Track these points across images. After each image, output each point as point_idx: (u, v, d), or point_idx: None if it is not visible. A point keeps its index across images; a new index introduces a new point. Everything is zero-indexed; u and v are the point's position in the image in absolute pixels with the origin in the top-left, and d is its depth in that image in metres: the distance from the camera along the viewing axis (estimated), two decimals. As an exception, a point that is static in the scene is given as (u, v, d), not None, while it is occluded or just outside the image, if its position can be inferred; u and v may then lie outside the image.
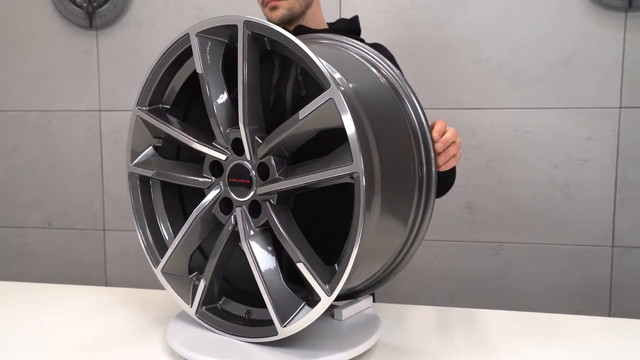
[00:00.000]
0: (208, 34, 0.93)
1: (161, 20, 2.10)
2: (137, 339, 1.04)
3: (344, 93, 0.79)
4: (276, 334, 0.88)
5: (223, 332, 0.97)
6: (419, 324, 1.11)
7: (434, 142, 0.98)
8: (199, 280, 0.99)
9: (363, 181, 0.77)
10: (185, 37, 0.95)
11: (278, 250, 0.93)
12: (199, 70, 0.93)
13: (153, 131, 1.05)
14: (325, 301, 0.83)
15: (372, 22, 1.95)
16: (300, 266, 0.84)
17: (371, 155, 0.80)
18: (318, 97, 0.81)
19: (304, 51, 0.82)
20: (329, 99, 0.80)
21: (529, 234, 1.95)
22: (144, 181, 1.08)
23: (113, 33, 2.14)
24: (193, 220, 0.97)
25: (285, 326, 0.87)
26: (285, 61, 1.19)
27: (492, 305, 1.93)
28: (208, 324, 0.98)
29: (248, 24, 0.87)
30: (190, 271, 1.05)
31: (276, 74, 1.20)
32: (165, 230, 1.09)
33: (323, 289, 0.83)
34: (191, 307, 0.99)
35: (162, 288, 1.34)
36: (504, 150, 1.94)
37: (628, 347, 0.99)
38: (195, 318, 1.00)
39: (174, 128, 1.00)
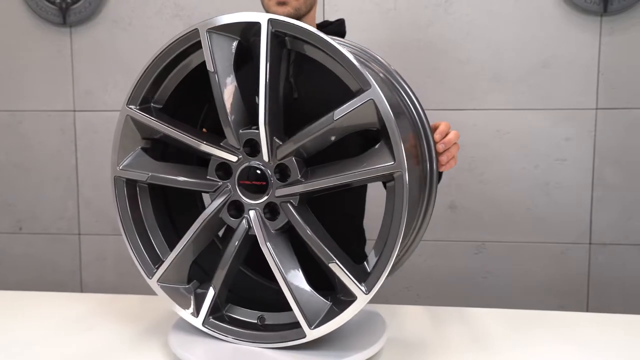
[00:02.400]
0: (220, 30, 0.90)
1: (138, 18, 2.04)
2: (134, 349, 1.00)
3: (384, 93, 0.79)
4: (304, 336, 0.87)
5: (239, 340, 0.94)
6: (414, 323, 1.14)
7: (435, 142, 1.01)
8: (205, 289, 0.95)
9: (407, 179, 0.80)
10: (192, 33, 0.91)
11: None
12: (210, 68, 0.90)
13: (144, 132, 1.00)
14: (363, 300, 0.83)
15: (354, 22, 1.95)
16: (334, 266, 0.84)
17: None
18: (356, 98, 0.81)
19: (340, 52, 0.82)
20: (369, 100, 0.80)
21: (510, 232, 1.99)
22: (131, 186, 1.03)
23: (88, 31, 2.06)
24: (200, 226, 0.93)
25: (314, 328, 0.86)
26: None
27: (475, 303, 1.95)
28: (219, 333, 0.95)
29: (273, 22, 0.85)
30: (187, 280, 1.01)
31: None
32: (154, 237, 1.03)
33: (360, 288, 0.83)
34: (197, 317, 0.95)
35: (144, 293, 1.31)
36: (485, 151, 1.97)
37: (606, 340, 1.05)
38: (203, 328, 0.96)
39: (176, 129, 0.95)
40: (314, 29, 0.84)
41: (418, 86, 1.95)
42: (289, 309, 0.92)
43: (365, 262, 0.86)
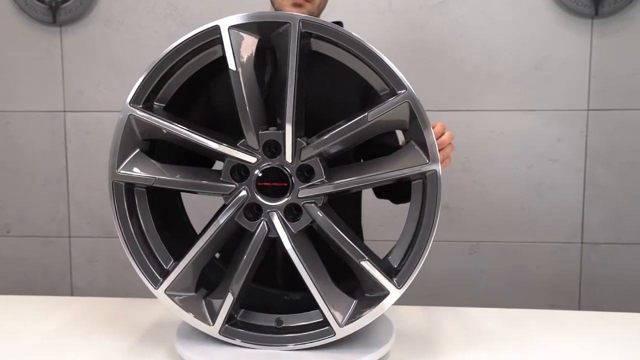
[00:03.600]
0: (242, 28, 0.88)
1: (131, 17, 2.01)
2: (141, 356, 0.98)
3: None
4: (333, 334, 0.88)
5: (262, 345, 0.92)
6: (411, 322, 1.16)
7: None
8: (218, 297, 0.92)
9: (440, 176, 0.86)
10: (211, 30, 0.87)
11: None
12: (232, 67, 0.87)
13: (146, 133, 0.95)
14: (395, 294, 0.86)
15: (350, 23, 1.94)
16: (366, 264, 0.86)
17: None
18: (390, 101, 0.85)
19: (377, 56, 0.86)
20: (404, 102, 0.84)
21: (504, 232, 2.00)
22: (129, 190, 0.97)
23: (78, 30, 2.03)
24: (216, 231, 0.90)
25: (343, 326, 0.87)
26: (276, 60, 1.17)
27: (469, 303, 1.96)
28: (239, 340, 0.93)
29: (304, 23, 0.85)
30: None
31: (268, 73, 1.17)
32: (155, 244, 0.98)
33: (393, 283, 0.86)
34: (213, 325, 0.92)
35: (136, 296, 1.29)
36: (479, 151, 1.99)
37: (598, 337, 1.08)
38: (219, 336, 0.93)
39: (191, 130, 0.91)
40: (349, 32, 0.86)
41: (413, 87, 1.97)
42: (304, 310, 0.92)
43: (388, 258, 0.88)
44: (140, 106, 0.94)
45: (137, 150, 0.97)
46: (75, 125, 2.07)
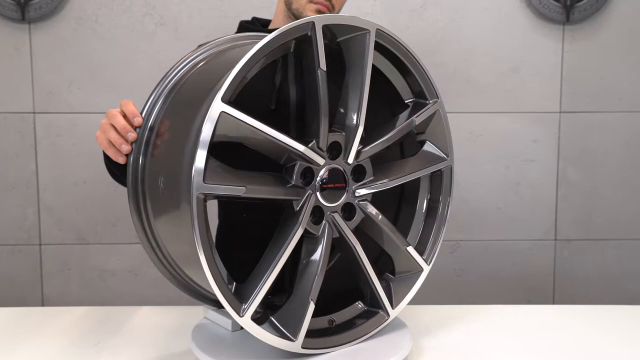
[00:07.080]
0: (328, 29, 0.86)
1: (106, 15, 1.94)
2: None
3: None
4: (387, 317, 0.96)
5: (337, 348, 0.91)
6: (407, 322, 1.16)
7: None
8: (296, 308, 0.85)
9: (453, 171, 1.03)
10: (303, 26, 0.82)
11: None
12: (323, 66, 0.84)
13: (224, 134, 0.79)
14: (426, 270, 0.99)
15: (332, 25, 1.96)
16: (410, 249, 0.96)
17: None
18: (429, 107, 0.97)
19: (421, 66, 0.97)
20: (437, 110, 0.98)
21: (483, 231, 2.06)
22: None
23: (49, 27, 1.94)
24: (295, 243, 0.83)
25: (395, 307, 0.96)
26: (286, 63, 1.16)
27: (450, 301, 2.01)
28: (319, 350, 0.88)
29: (379, 33, 0.90)
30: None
31: (279, 76, 1.16)
32: (218, 263, 0.82)
33: (426, 261, 0.98)
34: (296, 340, 0.84)
35: (113, 304, 1.24)
36: (458, 152, 2.01)
37: (571, 330, 1.13)
38: (301, 351, 0.86)
39: (280, 131, 0.82)
40: (405, 43, 0.96)
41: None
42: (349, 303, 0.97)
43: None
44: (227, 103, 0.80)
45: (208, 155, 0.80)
46: (46, 128, 1.98)
